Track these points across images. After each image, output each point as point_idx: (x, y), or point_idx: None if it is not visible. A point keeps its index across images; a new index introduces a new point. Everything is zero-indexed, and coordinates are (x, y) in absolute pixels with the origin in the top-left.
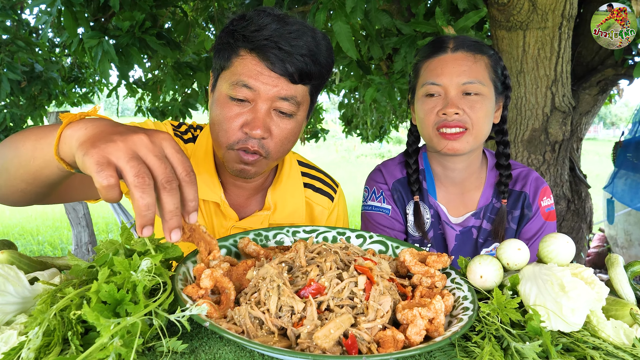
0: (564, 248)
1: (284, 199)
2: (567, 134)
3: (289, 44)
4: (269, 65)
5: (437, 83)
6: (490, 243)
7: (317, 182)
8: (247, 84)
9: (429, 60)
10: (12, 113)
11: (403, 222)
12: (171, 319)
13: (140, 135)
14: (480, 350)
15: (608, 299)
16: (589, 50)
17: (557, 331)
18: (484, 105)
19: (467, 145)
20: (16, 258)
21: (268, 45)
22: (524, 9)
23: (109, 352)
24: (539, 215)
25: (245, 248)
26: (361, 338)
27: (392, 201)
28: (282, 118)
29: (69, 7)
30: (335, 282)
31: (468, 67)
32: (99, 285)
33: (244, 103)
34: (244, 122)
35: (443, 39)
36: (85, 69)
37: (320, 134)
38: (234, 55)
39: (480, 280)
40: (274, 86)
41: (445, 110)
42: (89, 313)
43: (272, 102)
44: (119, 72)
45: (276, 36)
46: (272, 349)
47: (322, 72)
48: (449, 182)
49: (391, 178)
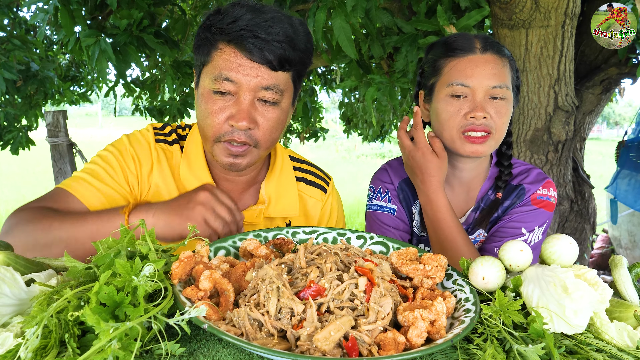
0: (567, 249)
1: (277, 192)
2: (570, 134)
3: (266, 32)
4: (248, 55)
5: (466, 84)
6: (475, 230)
7: (309, 175)
8: (228, 77)
9: (455, 59)
10: (6, 112)
11: (408, 223)
12: (170, 323)
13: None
14: (482, 352)
15: (612, 301)
16: (592, 48)
17: (560, 333)
18: (508, 110)
19: (489, 149)
20: (12, 259)
21: (245, 35)
22: (527, 7)
23: (107, 355)
24: (527, 200)
25: (256, 251)
26: (362, 340)
27: (398, 201)
28: (266, 107)
29: (66, 5)
30: (335, 283)
31: (497, 70)
32: (100, 286)
33: (228, 96)
34: (229, 115)
35: (468, 36)
36: (83, 68)
37: (320, 134)
38: (213, 50)
39: (482, 282)
40: (254, 76)
41: (473, 113)
42: (89, 315)
43: (255, 92)
44: (117, 70)
45: (252, 25)
46: (272, 351)
47: (302, 57)
48: (456, 181)
49: (397, 177)
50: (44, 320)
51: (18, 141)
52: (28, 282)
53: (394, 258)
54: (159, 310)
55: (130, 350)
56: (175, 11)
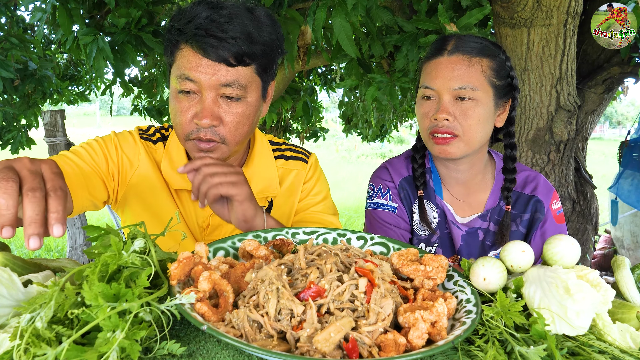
0: (569, 250)
1: (257, 173)
2: (572, 134)
3: (220, 29)
4: (203, 54)
5: (431, 87)
6: (498, 247)
7: (288, 152)
8: (188, 77)
9: (427, 62)
10: (4, 112)
11: (409, 221)
12: (164, 310)
13: (22, 159)
14: (483, 354)
15: (614, 302)
16: (594, 48)
17: (562, 335)
18: (477, 111)
19: (459, 151)
20: (10, 260)
21: (199, 34)
22: (528, 6)
23: (112, 345)
24: (551, 218)
25: (255, 252)
26: (362, 342)
27: (399, 199)
28: (230, 103)
29: (64, 3)
30: (335, 284)
31: (462, 71)
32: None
33: (192, 95)
34: (194, 114)
35: (446, 38)
36: (81, 67)
37: (320, 133)
38: (176, 50)
39: (483, 283)
40: (212, 74)
41: (436, 115)
42: (86, 292)
43: (217, 89)
44: (114, 69)
45: (206, 24)
46: (271, 352)
47: (265, 49)
48: (453, 182)
49: (398, 176)
50: (54, 295)
51: (18, 141)
52: (25, 283)
53: (395, 259)
54: (154, 297)
55: (136, 339)
56: (174, 10)
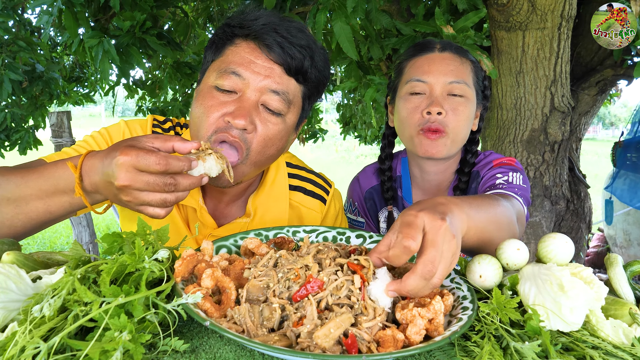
0: (563, 248)
1: (266, 205)
2: (566, 134)
3: (289, 32)
4: (266, 49)
5: (423, 80)
6: None
7: (307, 184)
8: (236, 72)
9: (414, 59)
10: (13, 113)
11: (377, 230)
12: (170, 310)
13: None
14: (479, 349)
15: (607, 299)
16: (588, 50)
17: (557, 331)
18: (467, 108)
19: (444, 149)
20: (21, 260)
21: (265, 29)
22: (523, 10)
23: (117, 346)
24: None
25: (257, 250)
26: (361, 337)
27: (364, 212)
28: (269, 116)
29: (70, 7)
30: (333, 277)
31: (455, 67)
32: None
33: (231, 94)
34: (227, 112)
35: (430, 40)
36: (87, 69)
37: (319, 134)
38: (228, 44)
39: (479, 280)
40: (265, 76)
41: (429, 108)
42: (103, 282)
43: (262, 94)
44: (120, 71)
45: (273, 23)
46: (273, 348)
47: (319, 77)
48: (425, 185)
49: (367, 185)
50: (68, 282)
51: (25, 141)
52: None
53: None
54: (157, 292)
55: (141, 342)
56: (178, 13)
